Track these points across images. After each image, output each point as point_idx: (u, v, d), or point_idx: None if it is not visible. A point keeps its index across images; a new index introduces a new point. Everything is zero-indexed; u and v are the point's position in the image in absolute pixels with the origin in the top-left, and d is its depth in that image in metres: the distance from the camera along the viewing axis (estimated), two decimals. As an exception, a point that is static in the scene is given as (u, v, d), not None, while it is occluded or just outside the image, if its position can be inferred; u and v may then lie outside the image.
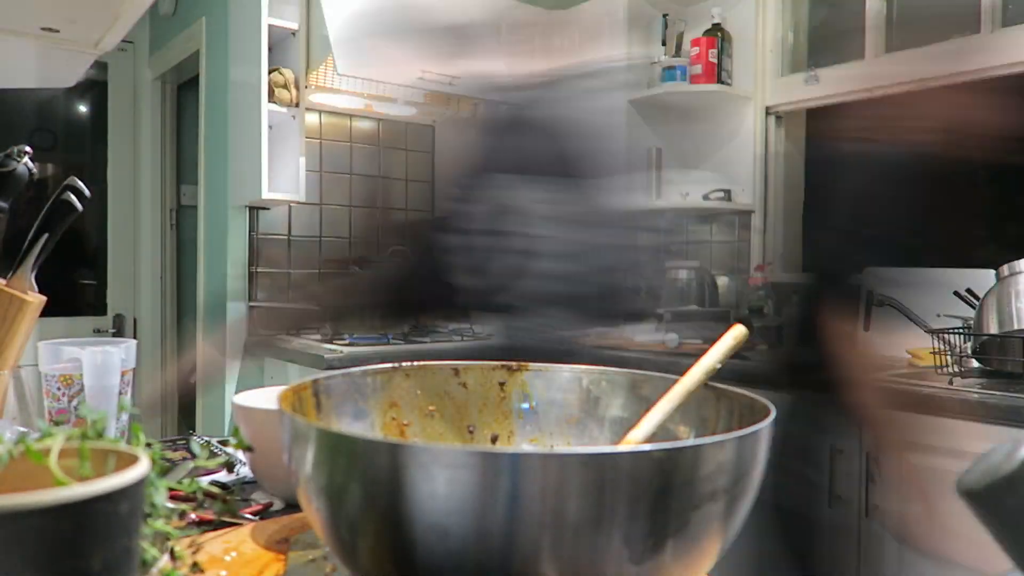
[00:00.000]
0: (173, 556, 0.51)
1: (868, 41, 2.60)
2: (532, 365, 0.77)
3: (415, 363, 0.76)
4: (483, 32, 1.59)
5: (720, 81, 2.81)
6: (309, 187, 2.77)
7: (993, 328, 1.79)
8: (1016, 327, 1.74)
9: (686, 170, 3.10)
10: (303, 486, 0.51)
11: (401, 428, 0.75)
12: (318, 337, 2.64)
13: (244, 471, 1.03)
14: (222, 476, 1.01)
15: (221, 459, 0.66)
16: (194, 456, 0.59)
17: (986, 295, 1.85)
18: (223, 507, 0.56)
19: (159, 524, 0.48)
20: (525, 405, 0.77)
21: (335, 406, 0.70)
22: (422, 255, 1.37)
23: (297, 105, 2.55)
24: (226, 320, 2.73)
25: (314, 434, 0.49)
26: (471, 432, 0.76)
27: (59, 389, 1.00)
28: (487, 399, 0.77)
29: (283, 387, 0.62)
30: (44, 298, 1.01)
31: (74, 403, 0.99)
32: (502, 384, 0.77)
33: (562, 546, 0.44)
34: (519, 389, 0.77)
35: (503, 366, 0.77)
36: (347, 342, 2.46)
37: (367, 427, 0.72)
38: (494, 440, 0.76)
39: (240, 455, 1.11)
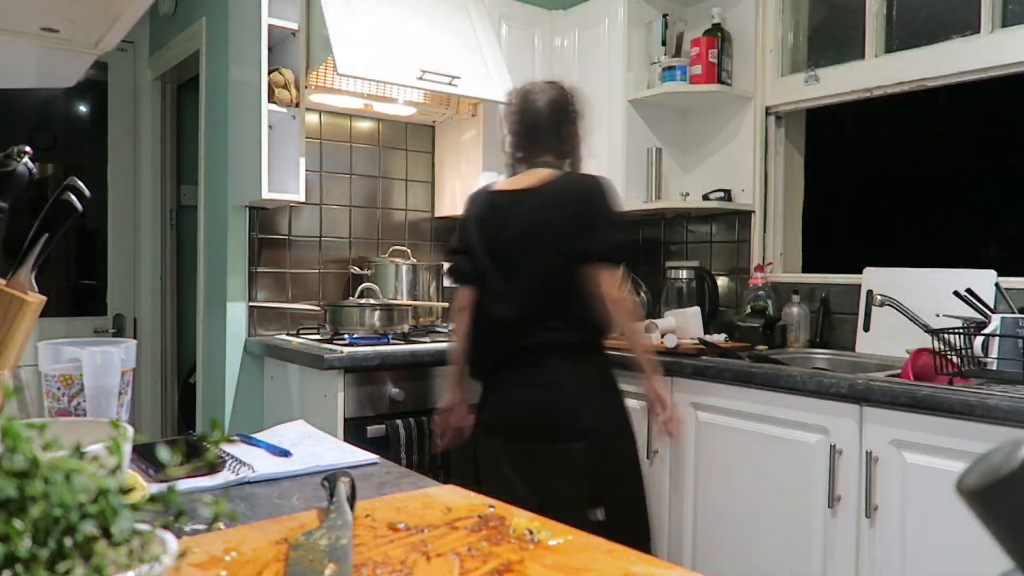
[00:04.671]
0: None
1: (868, 41, 2.60)
2: None
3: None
4: None
5: (720, 81, 2.81)
6: (309, 187, 2.76)
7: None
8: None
9: (686, 170, 3.10)
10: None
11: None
12: (318, 337, 2.64)
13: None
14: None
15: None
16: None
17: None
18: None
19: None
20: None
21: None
22: None
23: (297, 105, 2.55)
24: (226, 320, 2.73)
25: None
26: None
27: (59, 389, 1.00)
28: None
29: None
30: (44, 298, 1.01)
31: (74, 403, 0.99)
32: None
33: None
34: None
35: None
36: (347, 342, 2.46)
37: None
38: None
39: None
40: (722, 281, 2.95)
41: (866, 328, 2.38)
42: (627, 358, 2.05)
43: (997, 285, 2.12)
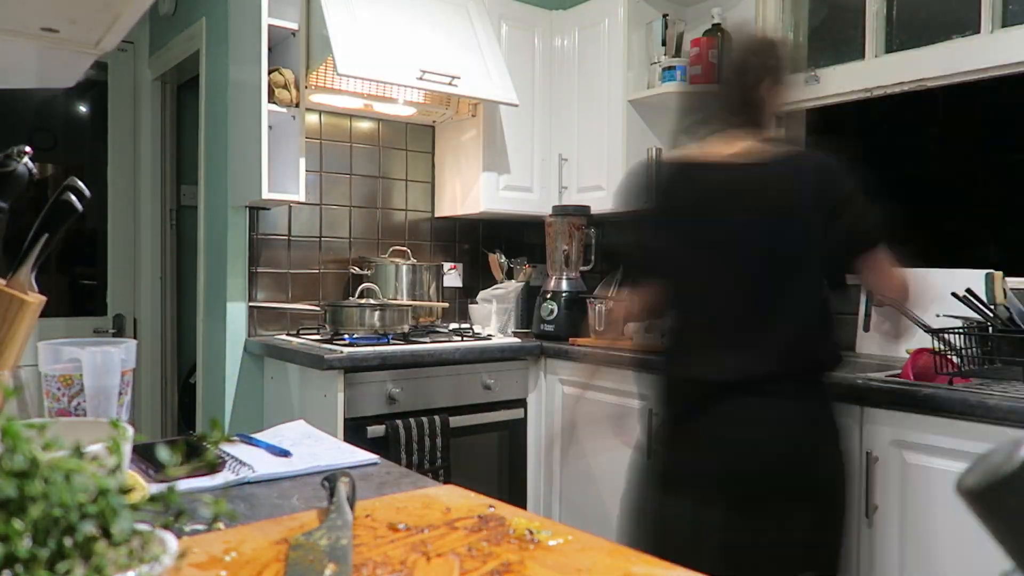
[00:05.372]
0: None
1: (868, 41, 2.60)
2: None
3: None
4: None
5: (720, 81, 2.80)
6: (309, 187, 2.77)
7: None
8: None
9: (686, 170, 3.10)
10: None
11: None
12: (318, 337, 2.64)
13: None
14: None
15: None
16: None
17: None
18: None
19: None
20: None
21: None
22: None
23: (297, 105, 2.55)
24: (226, 320, 2.73)
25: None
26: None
27: (59, 389, 1.00)
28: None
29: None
30: (44, 298, 1.01)
31: (74, 403, 0.99)
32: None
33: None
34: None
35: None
36: (347, 342, 2.46)
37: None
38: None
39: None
40: (722, 281, 2.94)
41: (866, 328, 2.38)
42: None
43: (997, 285, 2.12)
